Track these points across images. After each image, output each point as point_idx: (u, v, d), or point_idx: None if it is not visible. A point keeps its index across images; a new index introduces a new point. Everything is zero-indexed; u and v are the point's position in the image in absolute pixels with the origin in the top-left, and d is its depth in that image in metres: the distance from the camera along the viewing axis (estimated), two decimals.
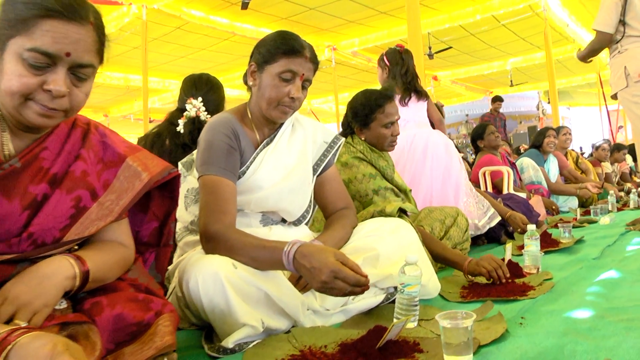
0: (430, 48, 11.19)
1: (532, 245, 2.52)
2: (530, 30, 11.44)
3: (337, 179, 2.16)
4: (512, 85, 15.01)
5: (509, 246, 2.46)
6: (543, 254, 2.67)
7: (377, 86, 3.91)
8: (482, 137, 5.10)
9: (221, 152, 1.85)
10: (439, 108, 4.22)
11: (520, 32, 11.68)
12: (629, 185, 7.19)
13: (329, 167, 2.13)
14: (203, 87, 2.76)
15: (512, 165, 5.16)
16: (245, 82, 2.02)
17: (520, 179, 5.28)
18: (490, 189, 4.68)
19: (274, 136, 2.01)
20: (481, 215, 3.37)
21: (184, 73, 2.61)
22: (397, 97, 3.65)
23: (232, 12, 9.58)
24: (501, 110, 11.19)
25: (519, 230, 3.44)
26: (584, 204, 5.86)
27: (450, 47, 11.66)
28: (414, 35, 6.52)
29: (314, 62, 1.94)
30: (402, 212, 2.38)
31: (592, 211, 4.90)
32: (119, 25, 9.45)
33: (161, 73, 12.65)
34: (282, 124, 2.04)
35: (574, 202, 5.89)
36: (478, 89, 17.07)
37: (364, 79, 13.73)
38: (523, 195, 4.32)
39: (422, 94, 3.83)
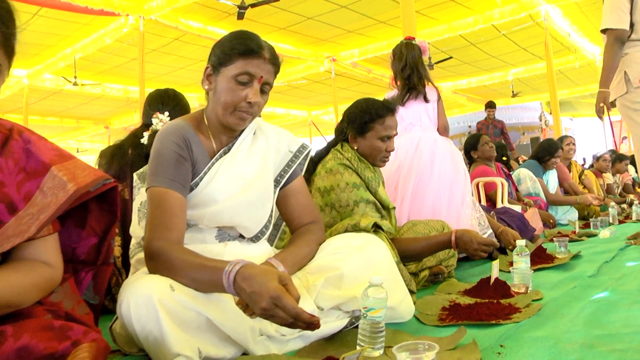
0: (430, 58, 11.00)
1: (521, 262, 2.31)
2: (531, 40, 11.27)
3: (304, 191, 1.97)
4: (513, 95, 14.80)
5: (495, 263, 2.25)
6: (533, 271, 2.46)
7: (380, 97, 3.70)
8: (475, 148, 4.89)
9: (169, 162, 1.67)
10: None
11: (521, 42, 11.51)
12: (631, 196, 6.95)
13: (294, 179, 1.94)
14: (170, 102, 2.63)
15: (508, 177, 4.95)
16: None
17: (517, 191, 5.07)
18: (484, 202, 4.47)
19: (233, 145, 1.83)
20: (481, 231, 3.16)
21: (183, 84, 2.50)
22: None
23: (229, 23, 9.46)
24: (501, 119, 10.88)
25: (510, 247, 3.23)
26: (585, 216, 5.63)
27: (451, 57, 11.48)
28: None
29: (274, 63, 1.76)
30: (378, 228, 2.18)
31: (591, 224, 4.68)
32: (116, 36, 9.36)
33: (161, 84, 12.37)
34: (242, 131, 1.86)
35: (573, 214, 5.67)
36: (480, 99, 16.80)
37: (364, 90, 13.56)
38: (518, 208, 4.11)
39: (421, 93, 3.48)
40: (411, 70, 3.49)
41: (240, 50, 1.68)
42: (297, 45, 10.88)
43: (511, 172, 5.49)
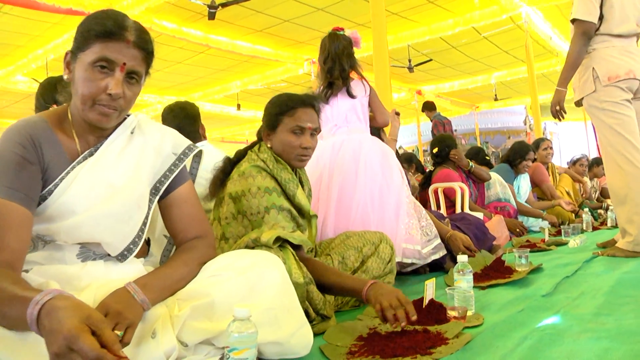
0: (410, 61, 10.70)
1: (462, 281, 2.01)
2: (512, 43, 10.97)
3: (191, 200, 1.64)
4: (496, 99, 14.51)
5: (430, 283, 1.93)
6: (486, 288, 2.12)
7: None
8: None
9: (8, 167, 1.34)
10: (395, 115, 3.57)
11: (502, 45, 11.21)
12: (608, 201, 6.64)
13: (178, 186, 1.62)
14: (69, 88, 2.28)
15: (474, 182, 4.63)
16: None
17: (483, 196, 4.74)
18: (444, 208, 4.14)
19: (100, 146, 1.50)
20: (425, 242, 2.83)
21: (161, 87, 2.21)
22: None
23: (204, 24, 9.12)
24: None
25: (459, 253, 2.91)
26: (559, 223, 5.31)
27: (431, 60, 11.16)
28: (380, 48, 6.01)
29: (142, 47, 1.44)
30: (287, 242, 1.87)
31: (562, 231, 4.37)
32: None
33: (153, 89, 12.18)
34: (114, 129, 1.53)
35: (545, 221, 5.36)
36: (464, 103, 16.56)
37: None
38: (480, 215, 3.78)
39: (342, 88, 3.08)
40: (332, 63, 3.11)
41: (97, 32, 1.37)
42: (275, 48, 10.55)
43: None
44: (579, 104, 3.41)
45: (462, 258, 2.06)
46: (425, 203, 4.54)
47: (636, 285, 2.31)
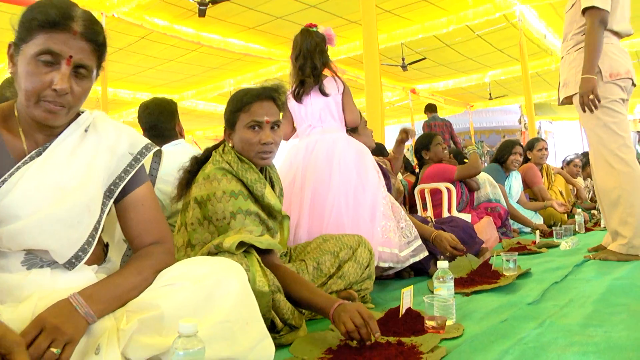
0: (403, 59, 10.57)
1: (442, 288, 1.88)
2: (507, 41, 10.84)
3: (148, 203, 1.51)
4: (490, 98, 14.38)
5: (407, 291, 1.81)
6: (470, 294, 1.99)
7: (356, 101, 3.24)
8: (427, 148, 4.44)
9: None
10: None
11: (497, 44, 11.08)
12: None
13: (135, 188, 1.48)
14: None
15: (465, 182, 4.50)
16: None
17: (473, 197, 4.61)
18: (430, 210, 4.01)
19: (49, 145, 1.37)
20: (404, 245, 2.70)
21: (154, 85, 2.11)
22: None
23: (196, 22, 8.98)
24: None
25: (447, 253, 2.78)
26: (551, 224, 5.17)
27: (425, 58, 11.02)
28: (370, 45, 5.89)
29: (91, 39, 1.30)
30: (253, 247, 1.74)
31: (554, 233, 4.25)
32: None
33: (131, 85, 11.99)
34: (66, 127, 1.40)
35: (539, 220, 5.23)
36: (458, 102, 16.44)
37: None
38: (467, 217, 3.65)
39: (313, 85, 2.93)
40: (304, 60, 2.96)
41: (40, 21, 1.24)
42: (268, 46, 10.40)
43: None
44: (568, 100, 3.26)
45: (442, 264, 1.93)
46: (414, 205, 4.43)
47: (628, 292, 2.19)
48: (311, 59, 2.95)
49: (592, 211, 6.05)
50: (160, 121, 2.73)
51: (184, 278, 1.31)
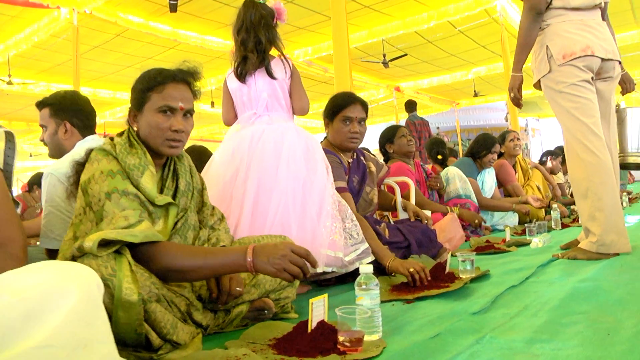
0: (384, 56, 10.23)
1: (364, 297, 1.55)
2: (489, 37, 10.52)
3: None
4: (475, 95, 14.06)
5: (317, 301, 1.47)
6: (412, 301, 1.64)
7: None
8: (391, 141, 4.09)
9: None
10: None
11: (479, 40, 10.76)
12: None
13: None
14: None
15: (430, 177, 4.17)
16: None
17: (440, 193, 4.27)
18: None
19: None
20: (349, 248, 2.37)
21: (131, 83, 1.80)
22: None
23: (172, 19, 8.65)
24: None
25: (409, 279, 2.42)
26: (527, 220, 4.82)
27: (405, 55, 10.68)
28: (340, 45, 5.56)
29: None
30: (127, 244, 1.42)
31: (527, 230, 3.92)
32: (50, 31, 8.52)
33: (107, 83, 11.63)
34: None
35: (512, 218, 4.88)
36: (443, 99, 16.09)
37: (321, 90, 12.71)
38: (428, 213, 3.30)
39: (257, 63, 2.61)
40: (247, 34, 2.63)
41: None
42: None
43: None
44: (537, 86, 2.98)
45: (365, 269, 1.60)
46: None
47: (591, 297, 1.87)
48: (255, 33, 2.62)
49: (572, 206, 5.71)
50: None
51: (5, 290, 0.98)
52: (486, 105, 17.57)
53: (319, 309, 1.46)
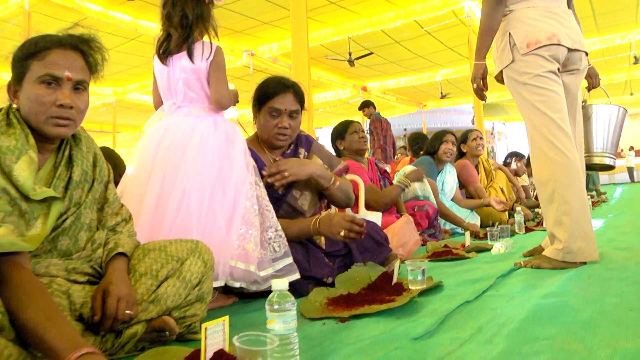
0: (350, 54, 9.91)
1: (275, 320, 1.20)
2: (457, 39, 10.29)
3: None
4: (442, 97, 13.84)
5: (212, 326, 1.11)
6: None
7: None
8: (342, 137, 3.74)
9: None
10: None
11: (447, 42, 10.52)
12: None
13: None
14: None
15: (384, 175, 3.83)
16: None
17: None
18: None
19: None
20: (267, 262, 1.98)
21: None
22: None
23: (132, 8, 8.21)
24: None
25: (344, 238, 2.08)
26: (490, 224, 4.52)
27: (371, 53, 10.38)
28: (298, 40, 5.21)
29: None
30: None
31: (488, 234, 3.62)
32: None
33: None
34: None
35: (475, 220, 4.58)
36: (410, 101, 15.85)
37: None
38: (376, 217, 2.96)
39: (179, 42, 2.20)
40: (172, 7, 2.19)
41: None
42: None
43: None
44: (499, 79, 2.67)
45: (278, 284, 1.24)
46: None
47: (556, 317, 1.55)
48: (181, 6, 2.20)
49: (537, 209, 5.44)
50: None
51: None
52: (453, 108, 17.42)
53: (216, 335, 1.11)
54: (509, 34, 2.48)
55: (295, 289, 2.09)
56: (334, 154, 3.64)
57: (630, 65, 11.93)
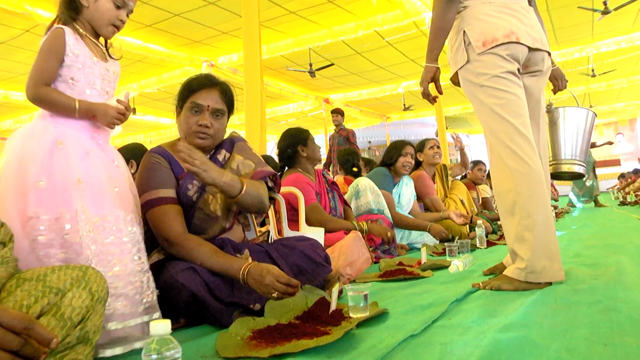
0: (311, 65, 9.64)
1: None
2: (419, 51, 10.12)
3: None
4: (405, 109, 13.66)
5: None
6: None
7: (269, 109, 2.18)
8: (305, 144, 3.35)
9: None
10: None
11: (409, 53, 10.35)
12: None
13: None
14: None
15: (332, 187, 3.51)
16: None
17: (345, 206, 3.59)
18: (285, 224, 2.91)
19: None
20: (137, 301, 1.60)
21: None
22: None
23: None
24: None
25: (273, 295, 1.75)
26: (449, 239, 4.22)
27: (332, 64, 10.11)
28: (251, 53, 4.90)
29: None
30: None
31: (447, 250, 3.33)
32: None
33: (18, 85, 10.53)
34: None
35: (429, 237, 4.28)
36: (374, 113, 15.65)
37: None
38: (317, 234, 2.62)
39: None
40: None
41: None
42: (168, 47, 9.22)
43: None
44: (455, 81, 2.40)
45: (158, 327, 0.92)
46: None
47: (516, 356, 1.25)
48: None
49: (499, 222, 5.18)
50: None
51: None
52: (417, 120, 17.31)
53: None
54: (464, 32, 2.21)
55: (216, 319, 1.76)
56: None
57: (589, 78, 11.95)
